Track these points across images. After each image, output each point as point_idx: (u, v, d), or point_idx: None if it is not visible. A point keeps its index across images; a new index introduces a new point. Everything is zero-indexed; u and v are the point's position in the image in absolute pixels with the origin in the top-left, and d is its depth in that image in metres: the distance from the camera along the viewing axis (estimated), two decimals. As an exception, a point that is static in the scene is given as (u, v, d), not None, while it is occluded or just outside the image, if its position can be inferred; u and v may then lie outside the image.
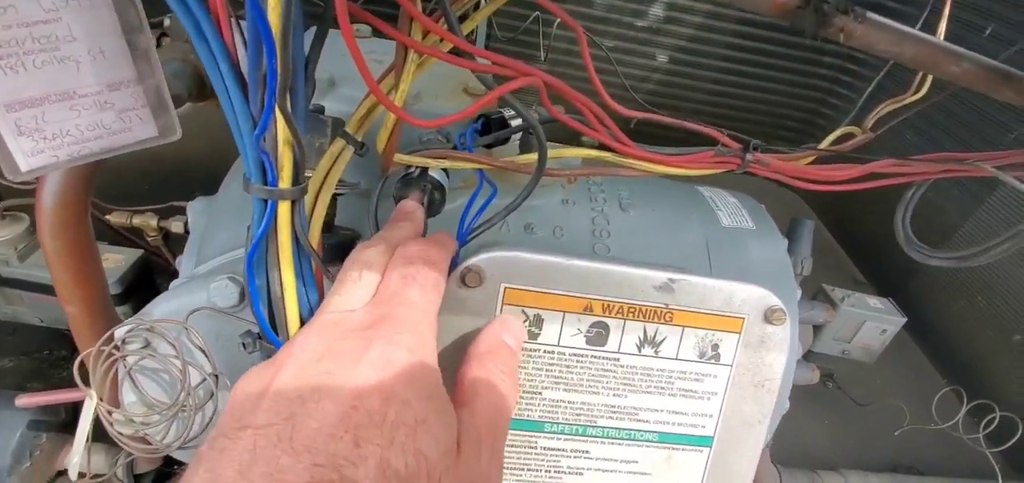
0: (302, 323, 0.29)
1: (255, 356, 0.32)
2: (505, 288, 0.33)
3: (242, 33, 0.25)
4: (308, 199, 0.31)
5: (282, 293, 0.29)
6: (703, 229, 0.57)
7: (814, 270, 0.68)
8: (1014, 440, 0.88)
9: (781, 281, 0.55)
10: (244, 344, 0.32)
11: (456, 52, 0.29)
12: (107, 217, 0.62)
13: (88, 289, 0.40)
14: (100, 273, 0.41)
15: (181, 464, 0.71)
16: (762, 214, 0.64)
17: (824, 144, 0.54)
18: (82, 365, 0.34)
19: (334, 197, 0.33)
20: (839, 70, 1.41)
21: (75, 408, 0.66)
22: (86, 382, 0.36)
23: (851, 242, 1.56)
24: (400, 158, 0.37)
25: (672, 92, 1.44)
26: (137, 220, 0.62)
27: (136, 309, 0.71)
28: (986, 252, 0.44)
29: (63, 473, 0.65)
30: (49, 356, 0.84)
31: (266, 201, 0.27)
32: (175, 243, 0.64)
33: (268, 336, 0.30)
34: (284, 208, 0.28)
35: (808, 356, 1.06)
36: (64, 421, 0.65)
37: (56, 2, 0.24)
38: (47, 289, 0.72)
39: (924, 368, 1.22)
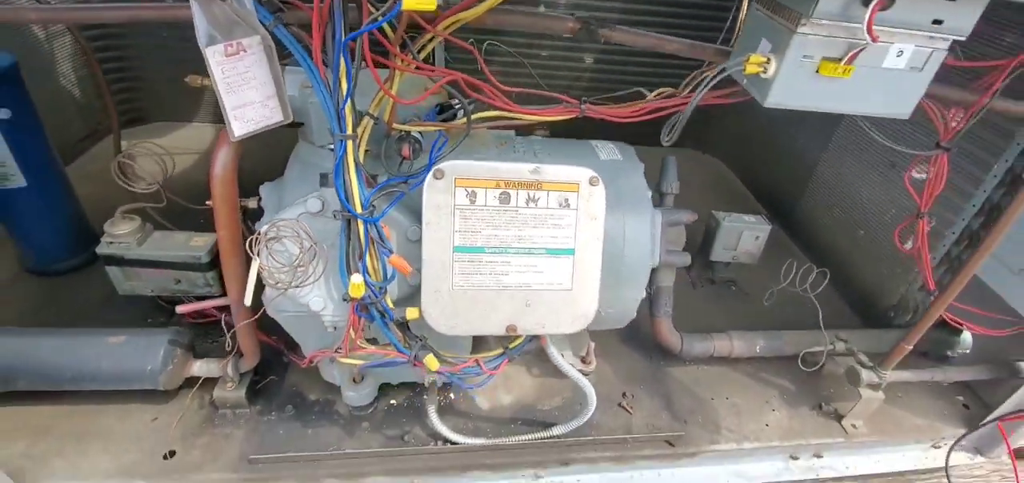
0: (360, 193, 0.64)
1: (338, 224, 0.67)
2: (455, 178, 0.68)
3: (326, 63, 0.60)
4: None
5: (351, 183, 0.63)
6: (587, 161, 0.92)
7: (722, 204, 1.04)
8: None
9: (636, 187, 0.90)
10: (334, 214, 0.66)
11: (418, 68, 0.65)
12: (207, 203, 0.96)
13: (232, 220, 0.74)
14: (238, 211, 0.75)
15: (268, 378, 1.04)
16: (630, 153, 0.98)
17: (649, 98, 0.89)
18: (249, 245, 0.68)
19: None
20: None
21: (193, 335, 0.99)
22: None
23: (755, 188, 1.95)
24: (397, 126, 0.71)
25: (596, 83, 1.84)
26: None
27: (217, 274, 1.05)
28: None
29: (191, 378, 0.98)
30: (151, 323, 1.16)
31: (342, 141, 0.62)
32: (249, 216, 0.98)
33: (346, 207, 0.64)
34: (350, 145, 0.62)
35: (712, 265, 1.42)
36: (189, 343, 0.98)
37: (250, 62, 0.59)
38: (158, 264, 1.06)
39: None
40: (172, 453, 0.92)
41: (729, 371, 1.21)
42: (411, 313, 0.71)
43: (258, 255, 0.68)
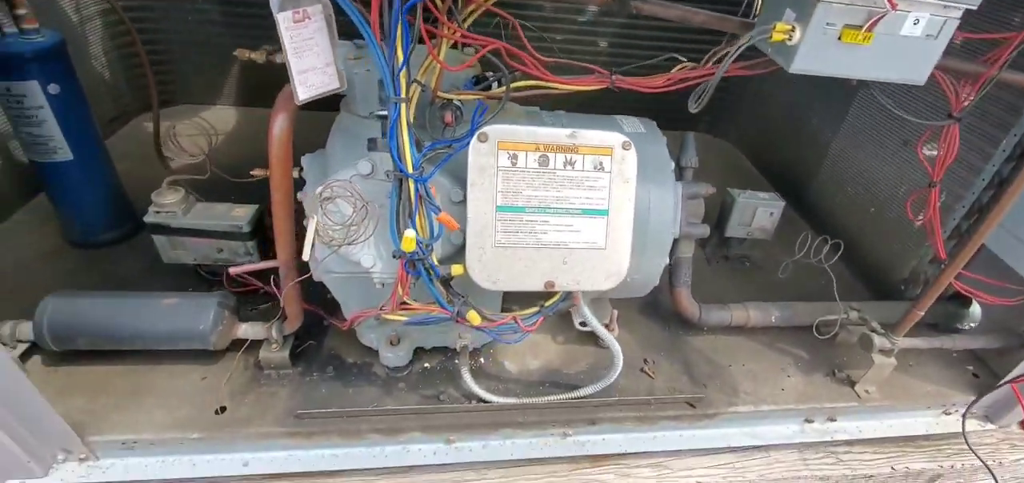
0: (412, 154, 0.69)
1: (386, 186, 0.72)
2: (499, 141, 0.73)
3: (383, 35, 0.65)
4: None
5: (404, 144, 0.68)
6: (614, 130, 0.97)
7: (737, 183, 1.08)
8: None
9: (660, 157, 0.95)
10: (387, 175, 0.71)
11: (464, 37, 0.69)
12: (252, 172, 1.01)
13: (286, 182, 0.79)
14: (291, 175, 0.80)
15: (307, 342, 1.10)
16: (653, 126, 1.03)
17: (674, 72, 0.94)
18: (303, 205, 0.73)
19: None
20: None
21: (238, 300, 1.04)
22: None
23: (766, 170, 1.99)
24: (441, 94, 0.76)
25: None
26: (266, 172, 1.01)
27: (257, 242, 1.11)
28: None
29: (236, 341, 1.03)
30: (192, 291, 1.22)
31: (396, 104, 0.67)
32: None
33: (398, 167, 0.69)
34: (404, 107, 0.67)
35: (727, 242, 1.46)
36: (235, 306, 1.03)
37: (313, 30, 0.63)
38: (201, 233, 1.11)
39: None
40: (223, 409, 0.97)
41: (745, 340, 1.26)
42: (456, 269, 0.76)
43: (315, 214, 0.73)
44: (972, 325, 1.32)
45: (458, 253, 0.79)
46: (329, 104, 0.79)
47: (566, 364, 1.14)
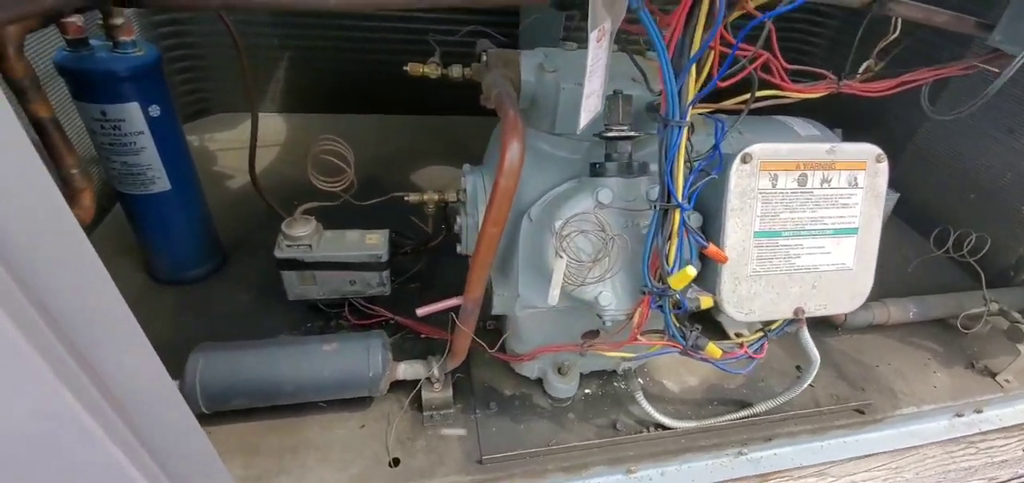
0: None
1: (653, 214, 0.65)
2: (761, 162, 0.66)
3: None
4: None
5: (679, 172, 0.61)
6: (786, 137, 0.92)
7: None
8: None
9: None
10: (653, 205, 0.64)
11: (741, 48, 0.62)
12: (406, 198, 0.92)
13: (506, 213, 0.71)
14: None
15: (457, 373, 1.01)
16: (822, 126, 0.99)
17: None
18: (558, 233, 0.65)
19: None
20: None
21: (392, 342, 0.94)
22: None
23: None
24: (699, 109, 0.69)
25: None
26: (423, 197, 0.92)
27: (390, 272, 1.02)
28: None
29: (396, 381, 0.94)
30: (310, 328, 1.11)
31: (679, 128, 0.59)
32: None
33: (672, 196, 0.62)
34: (686, 132, 0.60)
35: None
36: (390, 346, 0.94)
37: (603, 48, 0.55)
38: (332, 266, 1.00)
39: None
40: (396, 460, 0.88)
41: (881, 338, 1.25)
42: (705, 302, 0.70)
43: (561, 254, 0.65)
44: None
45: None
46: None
47: (724, 378, 1.10)
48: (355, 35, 1.79)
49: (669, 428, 0.97)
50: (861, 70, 0.88)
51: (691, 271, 0.62)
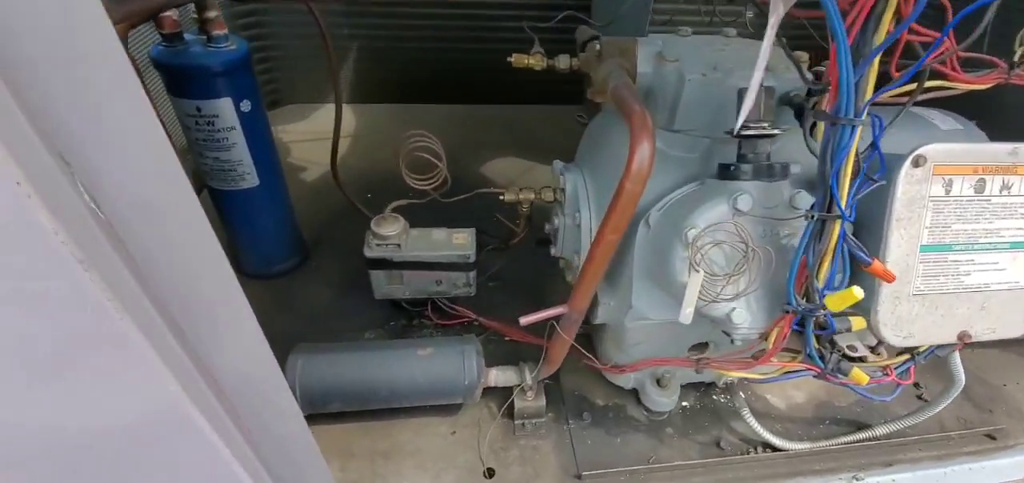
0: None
1: (806, 225, 0.57)
2: (934, 165, 0.58)
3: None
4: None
5: (846, 177, 0.53)
6: (926, 133, 0.81)
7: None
8: None
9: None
10: (808, 215, 0.57)
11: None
12: (502, 198, 0.87)
13: (627, 221, 0.65)
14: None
15: (546, 380, 0.97)
16: (962, 119, 0.88)
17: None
18: (693, 244, 0.59)
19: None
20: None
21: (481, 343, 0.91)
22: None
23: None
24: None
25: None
26: (519, 195, 0.87)
27: (476, 273, 0.97)
28: None
29: (488, 388, 0.90)
30: (393, 325, 1.09)
31: (853, 127, 0.52)
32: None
33: (837, 204, 0.54)
34: (859, 132, 0.52)
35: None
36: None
37: (769, 42, 0.48)
38: (425, 266, 0.97)
39: None
40: (491, 471, 0.85)
41: (1004, 354, 1.13)
42: (857, 323, 0.62)
43: (697, 268, 0.59)
44: None
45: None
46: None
47: (834, 396, 1.01)
48: (419, 23, 1.76)
49: (779, 450, 0.89)
50: None
51: (858, 292, 0.55)
